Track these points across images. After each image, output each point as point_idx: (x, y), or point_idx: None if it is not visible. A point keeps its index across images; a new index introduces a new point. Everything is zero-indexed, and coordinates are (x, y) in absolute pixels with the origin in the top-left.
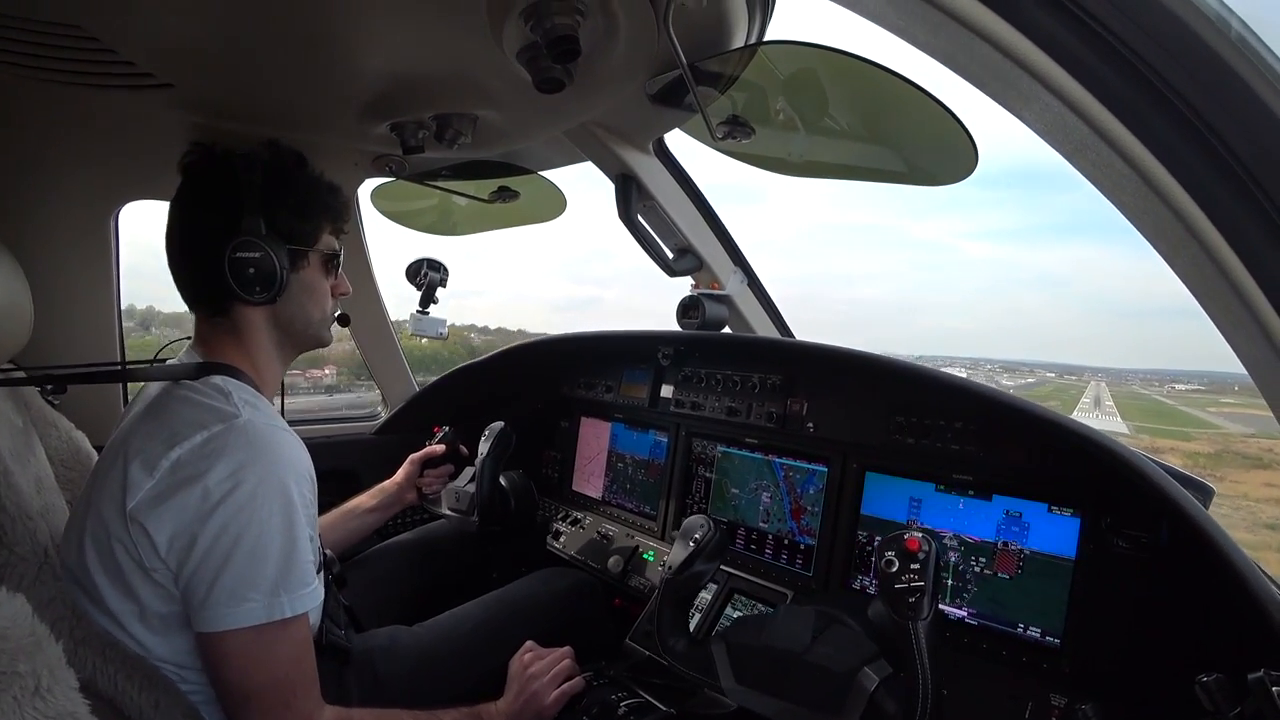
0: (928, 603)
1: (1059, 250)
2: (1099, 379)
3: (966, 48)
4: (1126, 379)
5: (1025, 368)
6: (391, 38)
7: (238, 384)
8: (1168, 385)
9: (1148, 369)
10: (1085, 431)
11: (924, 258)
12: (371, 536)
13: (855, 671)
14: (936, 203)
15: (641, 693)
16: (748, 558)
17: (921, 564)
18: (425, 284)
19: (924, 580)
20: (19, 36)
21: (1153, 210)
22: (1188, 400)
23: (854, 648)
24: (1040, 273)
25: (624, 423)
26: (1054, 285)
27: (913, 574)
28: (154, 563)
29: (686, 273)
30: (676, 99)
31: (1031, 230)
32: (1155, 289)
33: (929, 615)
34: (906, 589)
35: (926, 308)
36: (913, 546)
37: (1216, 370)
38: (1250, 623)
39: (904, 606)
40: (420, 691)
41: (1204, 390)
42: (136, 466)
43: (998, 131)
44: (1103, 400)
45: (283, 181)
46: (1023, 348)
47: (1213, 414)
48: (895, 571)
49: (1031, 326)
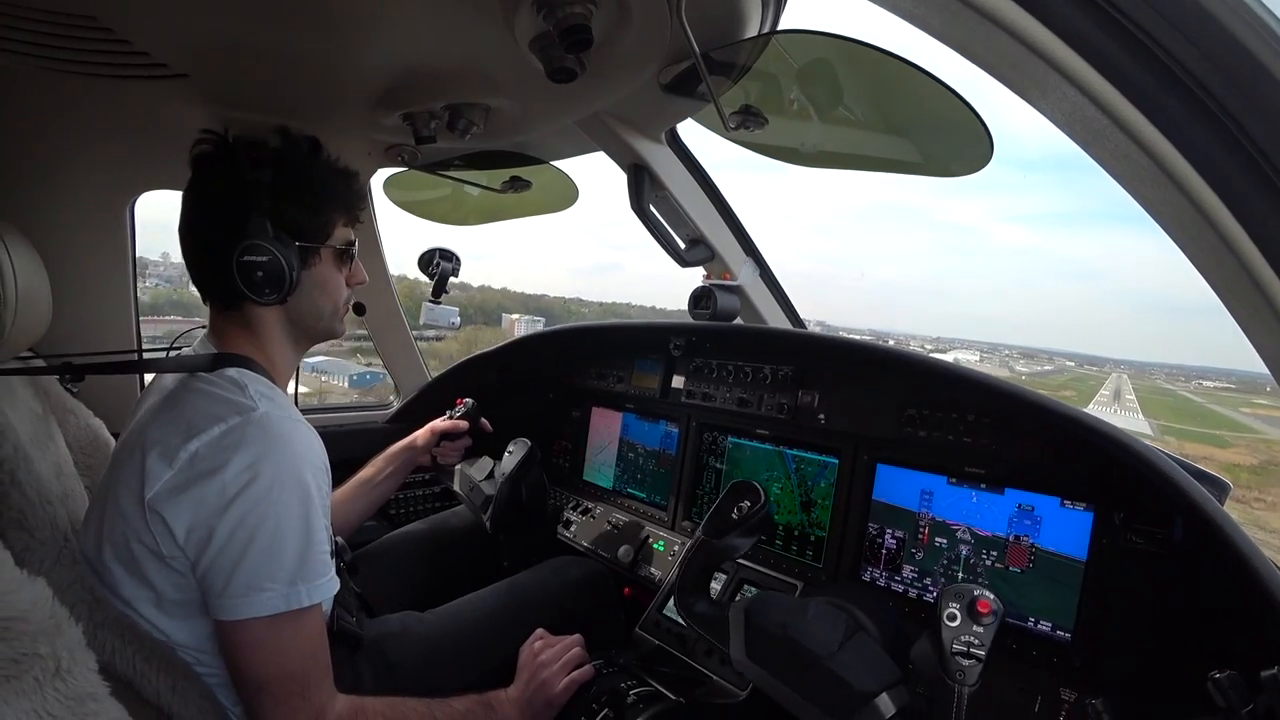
0: (980, 673)
1: (1093, 237)
2: (1121, 370)
3: (982, 36)
4: (1151, 373)
5: (1044, 355)
6: (405, 28)
7: (253, 376)
8: (1195, 381)
9: (1174, 364)
10: (1099, 426)
11: (954, 240)
12: (382, 525)
13: (874, 695)
14: (969, 184)
15: (651, 681)
16: (758, 548)
17: (986, 628)
18: (437, 274)
19: (984, 648)
20: (33, 28)
21: (1172, 202)
22: (1217, 399)
23: (878, 668)
24: (1072, 260)
25: (635, 413)
26: (1086, 274)
27: (974, 637)
28: (172, 551)
29: (698, 263)
30: (689, 89)
31: (1066, 217)
32: (1191, 282)
33: (978, 684)
34: (964, 652)
35: (953, 292)
36: (983, 609)
37: (1247, 370)
38: (1264, 619)
39: (955, 670)
40: (431, 678)
41: (1235, 389)
42: (155, 456)
43: (1027, 114)
44: (1123, 393)
45: (293, 175)
46: (1047, 335)
47: (1247, 415)
48: (956, 627)
49: (1058, 313)
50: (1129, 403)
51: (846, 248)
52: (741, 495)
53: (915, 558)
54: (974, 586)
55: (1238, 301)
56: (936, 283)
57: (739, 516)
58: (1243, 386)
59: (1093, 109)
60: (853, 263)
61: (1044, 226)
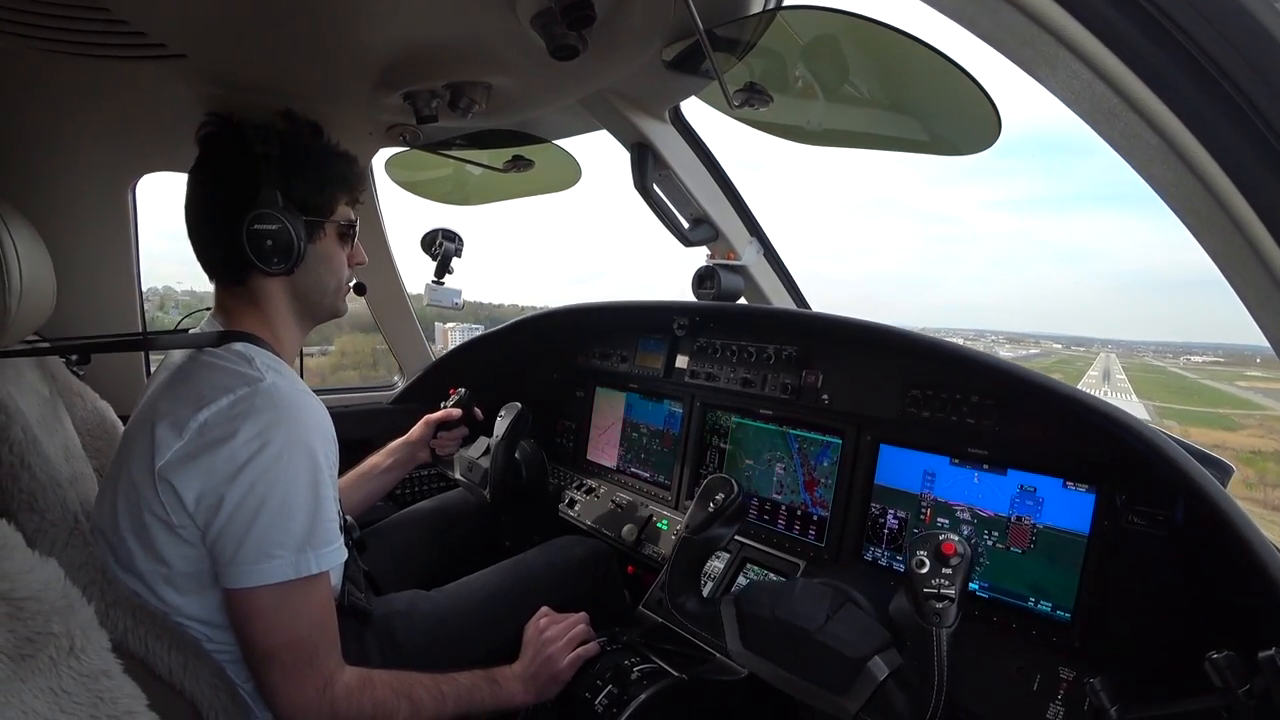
0: (955, 611)
1: (1074, 220)
2: (1109, 350)
3: (990, 10)
4: (1138, 351)
5: (1030, 339)
6: (405, 5)
7: (259, 350)
8: (1183, 357)
9: (1160, 341)
10: (1102, 407)
11: (938, 229)
12: (389, 505)
13: (866, 659)
14: (951, 172)
15: (654, 658)
16: (760, 528)
17: (954, 569)
18: (440, 254)
19: (954, 587)
20: (30, 8)
21: (1183, 183)
22: (1210, 374)
23: (867, 634)
24: (1054, 243)
25: (639, 393)
26: (1068, 257)
27: (944, 579)
28: (182, 519)
29: (702, 243)
30: (693, 66)
31: (1048, 200)
32: (1171, 259)
33: (955, 624)
34: (935, 594)
35: (939, 280)
36: (948, 550)
37: (1231, 342)
38: (1263, 602)
39: (930, 612)
40: (438, 654)
41: (1224, 363)
42: (165, 427)
43: (1013, 97)
44: (1113, 373)
45: (298, 152)
46: (1033, 318)
47: (1244, 389)
48: (925, 573)
49: (1043, 298)
50: (1120, 383)
51: (831, 241)
52: (715, 490)
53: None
54: (940, 531)
55: (1245, 283)
56: (921, 271)
57: (715, 509)
58: (1231, 359)
59: (1103, 87)
60: (839, 256)
61: (1027, 211)
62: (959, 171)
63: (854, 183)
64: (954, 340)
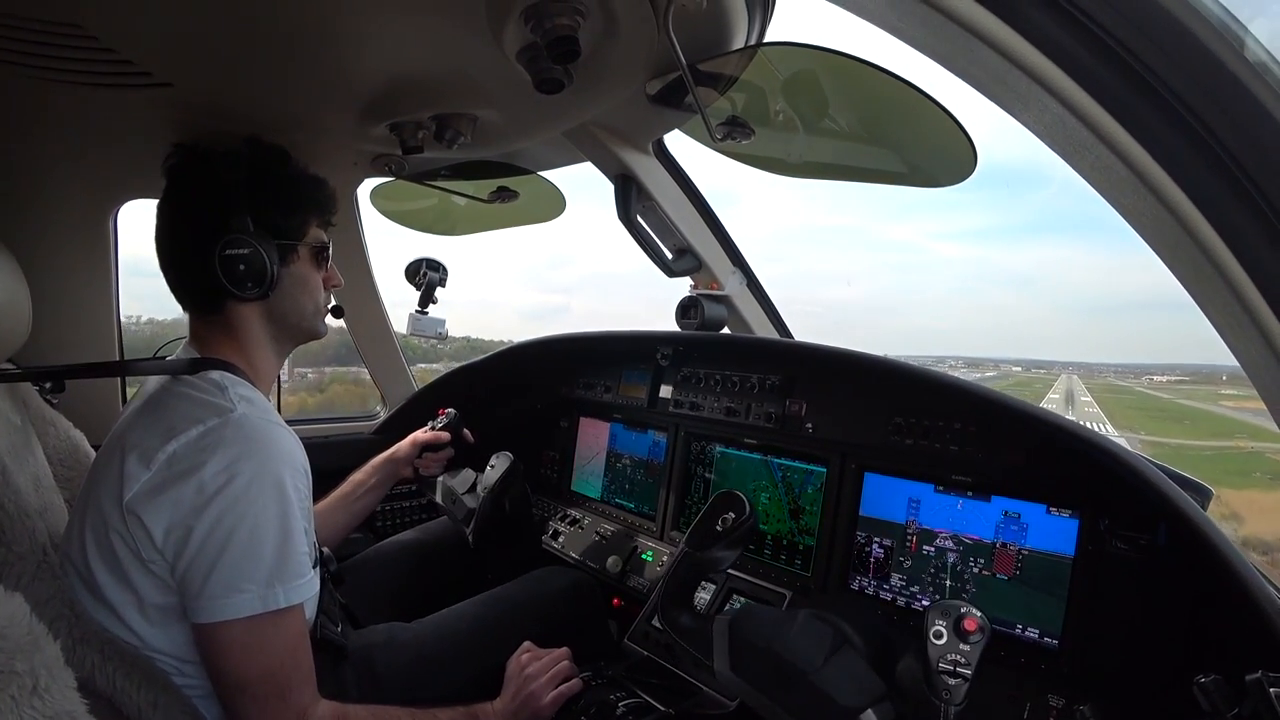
0: (966, 692)
1: (1026, 249)
2: (1070, 372)
3: (965, 49)
4: (1099, 372)
5: (989, 362)
6: (392, 38)
7: (233, 379)
8: (1145, 377)
9: (1120, 362)
10: (1085, 433)
11: (895, 258)
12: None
13: (859, 710)
14: (906, 204)
15: (640, 693)
16: (746, 557)
17: (973, 646)
18: (424, 284)
19: (970, 667)
20: (17, 35)
21: (1151, 212)
22: (1183, 393)
23: (863, 684)
24: (1009, 270)
25: (623, 423)
26: (1022, 283)
27: (961, 655)
28: (151, 554)
29: (685, 273)
30: (676, 100)
31: (1000, 230)
32: (1121, 282)
33: (964, 703)
34: (950, 670)
35: (898, 308)
36: (970, 627)
37: (1187, 362)
38: (1248, 624)
39: (941, 687)
40: (418, 688)
41: (1191, 381)
42: (134, 459)
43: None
44: (1076, 395)
45: (267, 177)
46: (993, 343)
47: (1230, 409)
48: (942, 645)
49: (1000, 324)
50: (1087, 407)
51: (790, 273)
52: (726, 506)
53: (903, 566)
54: (961, 604)
55: (1214, 306)
56: (880, 300)
57: (724, 529)
58: (1197, 378)
59: (1074, 121)
60: (800, 286)
61: (980, 240)
62: (912, 203)
63: (811, 211)
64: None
